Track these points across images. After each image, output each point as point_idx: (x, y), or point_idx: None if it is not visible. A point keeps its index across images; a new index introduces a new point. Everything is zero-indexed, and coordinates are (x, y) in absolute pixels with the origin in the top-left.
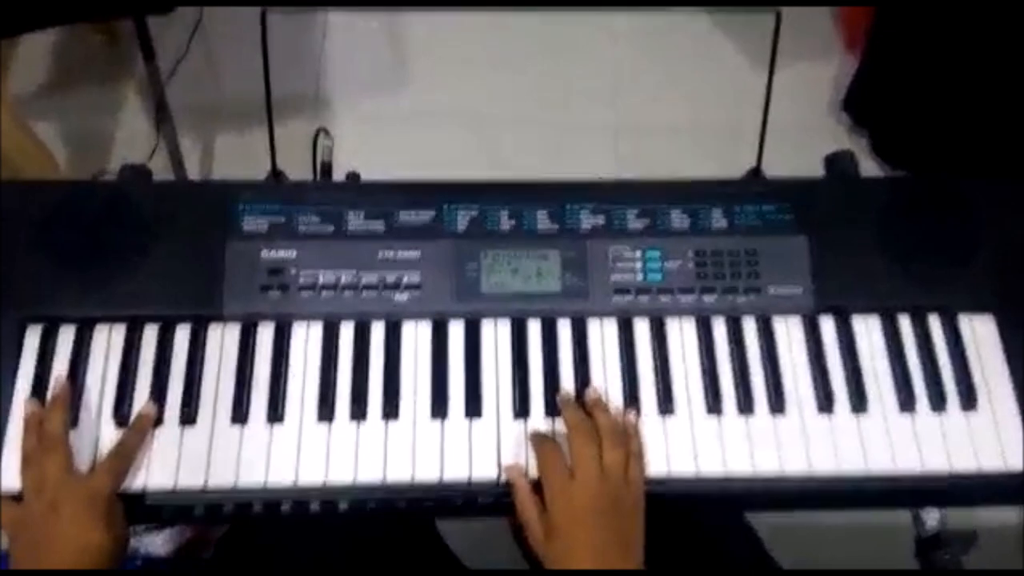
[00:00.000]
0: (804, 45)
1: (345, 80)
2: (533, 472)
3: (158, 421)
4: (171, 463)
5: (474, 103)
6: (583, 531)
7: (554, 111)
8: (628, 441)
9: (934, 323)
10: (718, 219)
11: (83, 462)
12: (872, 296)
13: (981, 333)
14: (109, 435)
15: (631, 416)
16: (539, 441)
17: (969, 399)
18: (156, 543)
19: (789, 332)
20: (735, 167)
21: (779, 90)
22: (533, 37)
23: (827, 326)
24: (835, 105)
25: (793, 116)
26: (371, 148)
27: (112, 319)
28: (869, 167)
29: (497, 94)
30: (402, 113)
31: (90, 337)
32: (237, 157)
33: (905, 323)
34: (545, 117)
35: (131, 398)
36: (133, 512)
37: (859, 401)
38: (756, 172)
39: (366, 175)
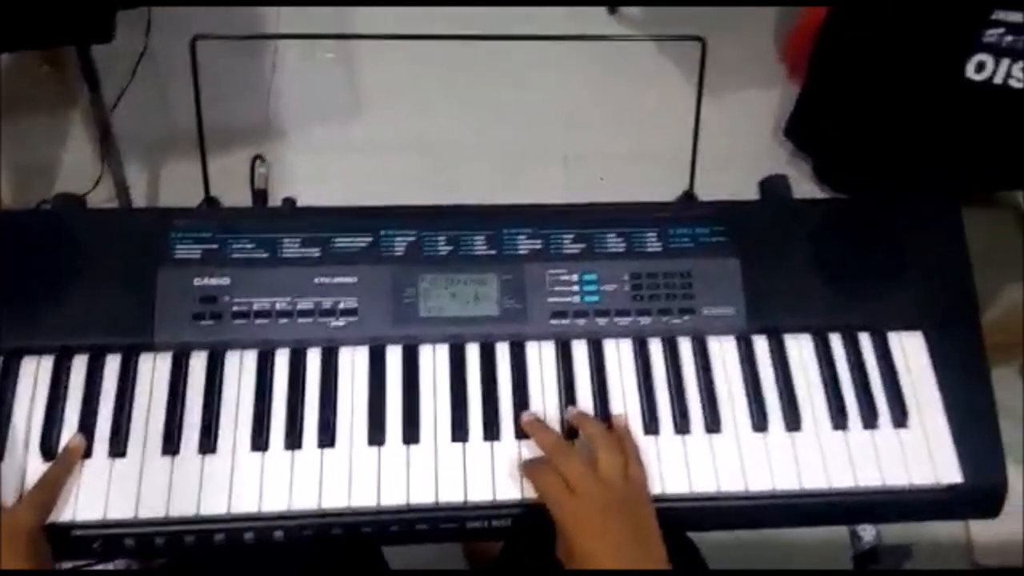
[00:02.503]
0: (747, 73)
1: (295, 110)
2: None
3: (87, 453)
4: (100, 495)
5: (425, 133)
6: (598, 538)
7: (504, 140)
8: (622, 444)
9: (865, 341)
10: (653, 242)
11: (9, 496)
12: (804, 315)
13: (911, 350)
14: (36, 468)
15: (620, 419)
16: (531, 468)
17: (901, 415)
18: None
19: (723, 352)
20: (682, 192)
21: (722, 117)
22: (484, 69)
23: (760, 346)
24: (778, 131)
25: (736, 142)
26: (321, 178)
27: (40, 350)
28: (811, 192)
29: (448, 125)
30: (352, 143)
31: (17, 368)
32: (183, 186)
33: (837, 342)
34: (495, 147)
35: (59, 430)
36: (61, 546)
37: (793, 419)
38: (689, 195)
39: (317, 205)
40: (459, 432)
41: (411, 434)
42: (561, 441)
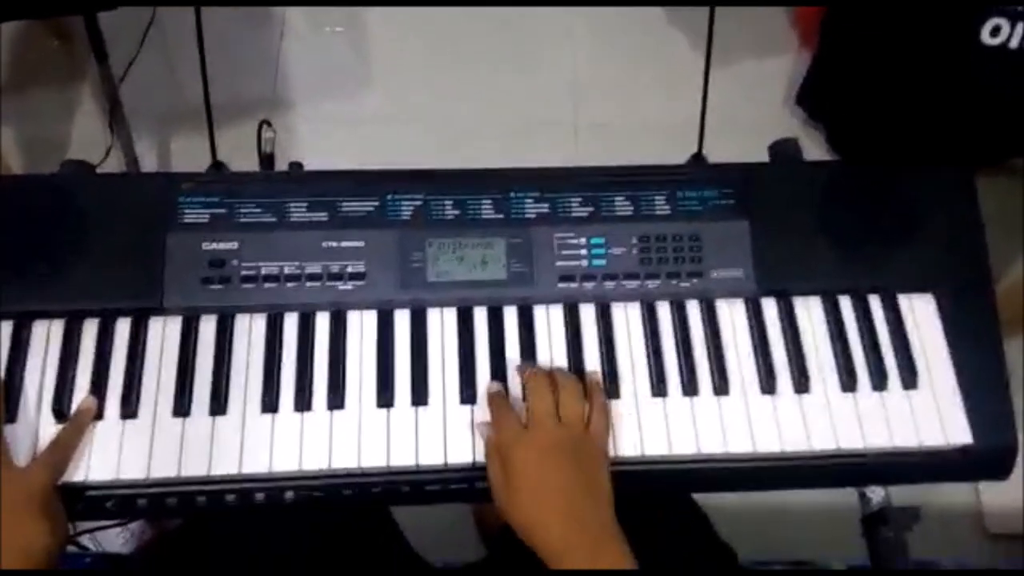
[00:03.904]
0: (759, 41)
1: (303, 82)
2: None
3: (99, 415)
4: (112, 456)
5: (433, 105)
6: (544, 477)
7: (513, 110)
8: (591, 396)
9: (875, 303)
10: (661, 205)
11: (21, 458)
12: (813, 278)
13: (921, 312)
14: (48, 431)
15: (596, 376)
16: (491, 398)
17: (910, 377)
18: (114, 542)
19: (732, 315)
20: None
21: (733, 85)
22: (491, 40)
23: (769, 309)
24: (789, 99)
25: (747, 110)
26: (327, 149)
27: (51, 314)
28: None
29: (456, 96)
30: (359, 115)
31: (28, 332)
32: (192, 157)
33: (846, 304)
34: (504, 118)
35: (70, 393)
36: (74, 506)
37: (802, 381)
38: (698, 157)
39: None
40: (467, 394)
41: (420, 396)
42: (541, 379)
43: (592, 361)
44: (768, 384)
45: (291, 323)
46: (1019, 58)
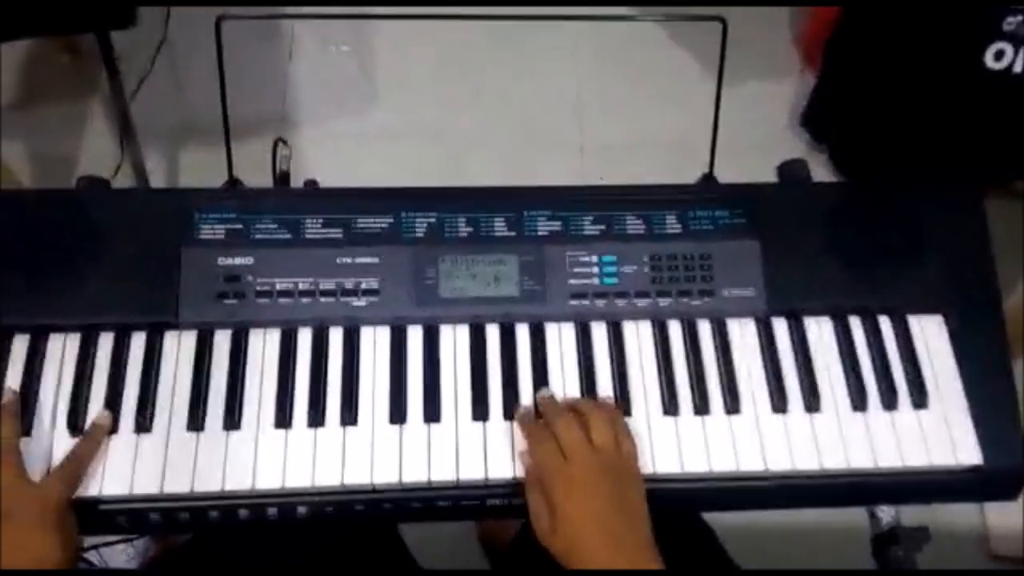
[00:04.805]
0: (763, 63)
1: (311, 100)
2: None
3: (113, 429)
4: (126, 470)
5: (440, 123)
6: (587, 508)
7: (519, 129)
8: (615, 420)
9: (884, 324)
10: (672, 224)
11: (36, 472)
12: (824, 298)
13: (931, 333)
14: (63, 445)
15: (608, 400)
16: (525, 425)
17: (920, 397)
18: (119, 558)
19: (743, 334)
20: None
21: (739, 107)
22: (498, 58)
23: (780, 328)
24: (794, 121)
25: (753, 132)
26: (336, 165)
27: (66, 328)
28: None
29: (463, 114)
30: (367, 131)
31: (44, 346)
32: (202, 174)
33: (856, 324)
34: (510, 135)
35: (85, 407)
36: (87, 520)
37: (813, 400)
38: (709, 177)
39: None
40: (479, 411)
41: (432, 413)
42: (566, 412)
43: (604, 379)
44: (779, 403)
45: (305, 339)
46: (1022, 82)
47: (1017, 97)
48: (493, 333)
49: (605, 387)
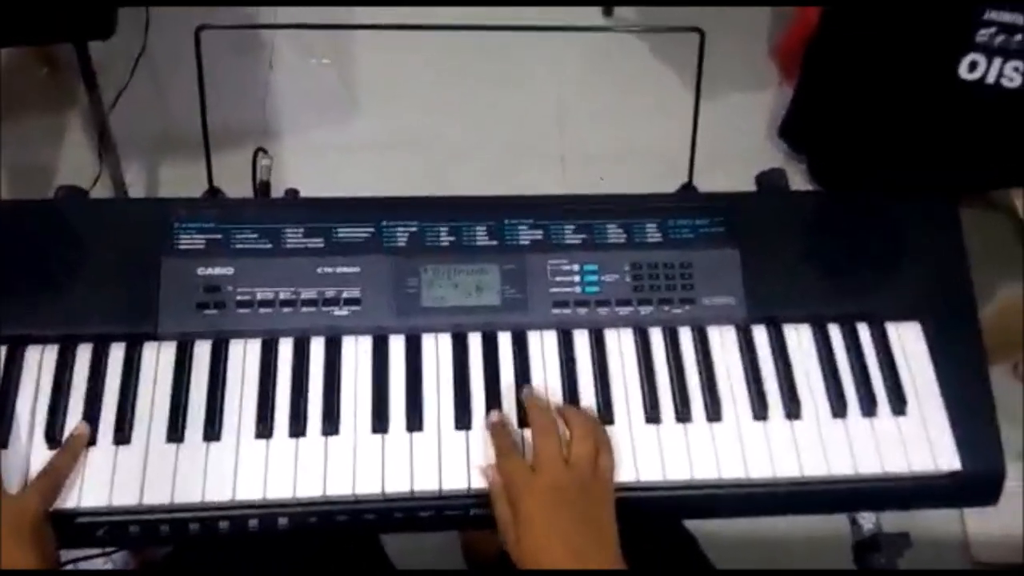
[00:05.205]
0: (740, 75)
1: (291, 111)
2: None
3: (91, 441)
4: (105, 482)
5: (421, 133)
6: (552, 522)
7: (500, 139)
8: (596, 434)
9: (863, 331)
10: (653, 232)
11: (13, 484)
12: (803, 306)
13: (909, 340)
14: (41, 457)
15: (590, 410)
16: (495, 432)
17: (899, 404)
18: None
19: (724, 342)
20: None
21: (717, 118)
22: (479, 68)
23: (760, 335)
24: (771, 132)
25: (730, 143)
26: (317, 176)
27: (44, 339)
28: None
29: (444, 125)
30: (348, 142)
31: (21, 357)
32: (181, 186)
33: (835, 331)
34: (491, 146)
35: (63, 419)
36: (65, 533)
37: (793, 407)
38: (688, 186)
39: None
40: (462, 420)
41: (414, 422)
42: (548, 418)
43: (586, 387)
44: (760, 410)
45: (286, 348)
46: (997, 93)
47: (991, 107)
48: (475, 342)
49: (587, 395)
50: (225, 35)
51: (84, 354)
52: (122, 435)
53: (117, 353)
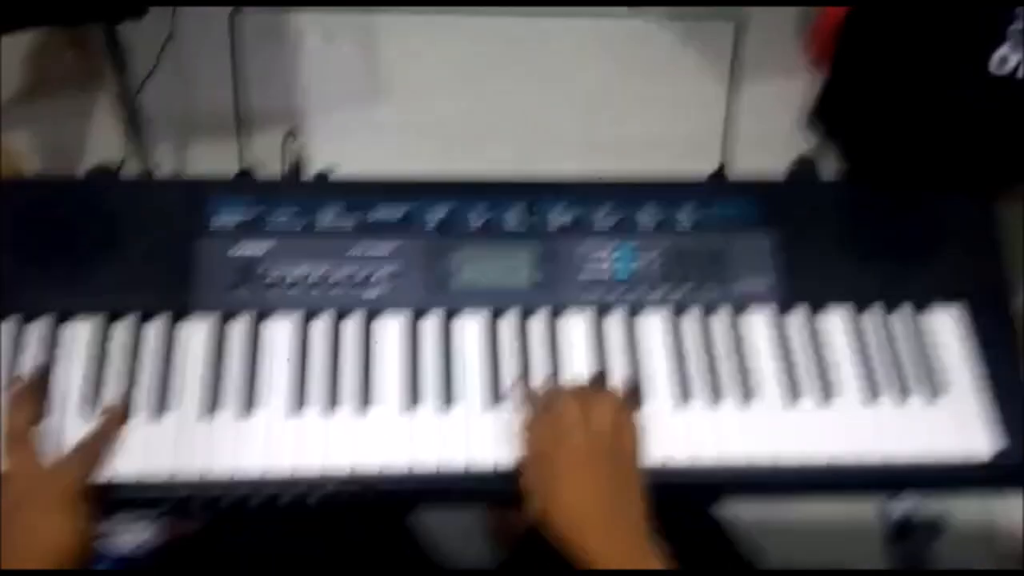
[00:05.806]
0: (773, 62)
1: (319, 97)
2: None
3: (128, 415)
4: (139, 455)
5: (449, 118)
6: (576, 484)
7: (527, 126)
8: (617, 407)
9: (896, 317)
10: (685, 217)
11: (52, 456)
12: (837, 290)
13: (943, 326)
14: (79, 429)
15: (618, 387)
16: (526, 410)
17: (932, 389)
18: (129, 545)
19: (756, 326)
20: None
21: (748, 106)
22: (507, 56)
23: (793, 320)
24: (802, 118)
25: (761, 128)
26: (347, 158)
27: (82, 314)
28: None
29: (471, 110)
30: (376, 127)
31: (60, 332)
32: (209, 167)
33: (868, 317)
34: (521, 133)
35: (100, 392)
36: (100, 504)
37: (826, 391)
38: (719, 172)
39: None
40: (493, 400)
41: (446, 401)
42: (562, 390)
43: (617, 370)
44: (792, 394)
45: (319, 327)
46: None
47: (1020, 101)
48: (506, 324)
49: (618, 378)
50: (251, 18)
51: (121, 330)
52: (158, 409)
53: (154, 329)
